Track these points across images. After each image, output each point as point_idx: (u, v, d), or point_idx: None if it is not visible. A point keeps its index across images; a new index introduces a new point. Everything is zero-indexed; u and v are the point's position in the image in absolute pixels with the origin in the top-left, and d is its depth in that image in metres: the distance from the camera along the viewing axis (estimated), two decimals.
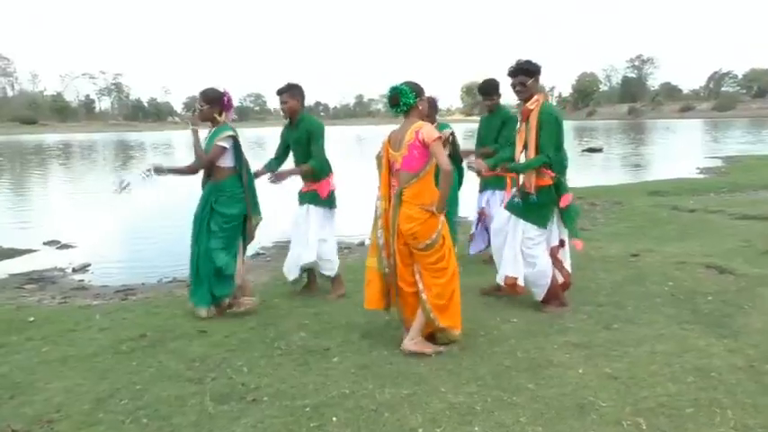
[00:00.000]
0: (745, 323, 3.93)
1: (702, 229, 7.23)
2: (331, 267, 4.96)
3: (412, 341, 3.61)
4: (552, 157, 4.12)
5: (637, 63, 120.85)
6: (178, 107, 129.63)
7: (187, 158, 4.63)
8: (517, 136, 4.41)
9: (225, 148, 4.34)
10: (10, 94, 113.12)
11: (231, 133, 4.36)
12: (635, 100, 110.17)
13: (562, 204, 4.21)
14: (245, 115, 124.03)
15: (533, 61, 4.20)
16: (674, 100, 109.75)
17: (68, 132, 77.94)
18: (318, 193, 4.84)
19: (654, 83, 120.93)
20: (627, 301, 4.50)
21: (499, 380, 3.24)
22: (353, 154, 27.72)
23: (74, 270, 7.00)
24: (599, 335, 3.83)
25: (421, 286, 3.58)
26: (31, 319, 4.60)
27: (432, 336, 3.69)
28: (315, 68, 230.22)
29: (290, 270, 4.99)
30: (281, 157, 5.00)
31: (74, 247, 8.38)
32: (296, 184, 5.03)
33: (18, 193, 15.88)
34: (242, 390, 3.21)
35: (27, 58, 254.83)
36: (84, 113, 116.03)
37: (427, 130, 3.43)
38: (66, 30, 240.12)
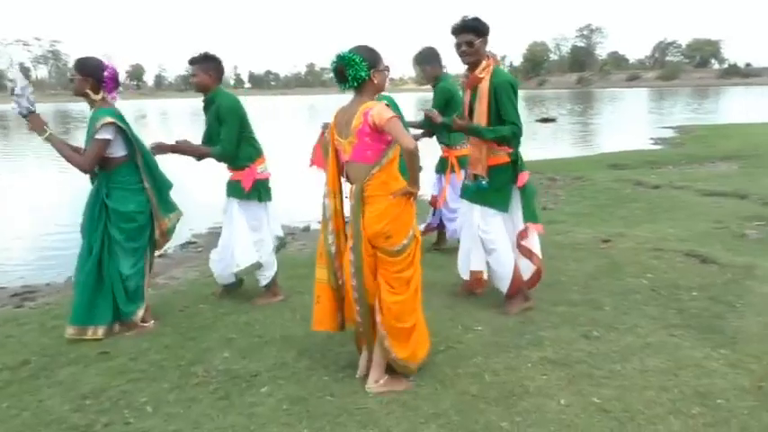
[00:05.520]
0: (739, 326, 3.44)
1: (671, 207, 6.81)
2: (266, 276, 4.15)
3: (377, 383, 2.89)
4: (520, 127, 3.57)
5: (585, 32, 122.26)
6: (121, 76, 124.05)
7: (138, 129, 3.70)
8: (462, 108, 3.85)
9: (107, 140, 3.46)
10: None
11: (109, 119, 3.44)
12: (584, 69, 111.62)
13: (519, 184, 3.70)
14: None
15: (482, 19, 3.55)
16: (621, 69, 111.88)
17: (2, 103, 73.01)
18: (241, 185, 3.97)
19: (602, 52, 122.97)
20: (603, 298, 3.96)
21: (465, 416, 2.62)
22: (302, 126, 26.65)
23: None
24: (578, 346, 3.26)
25: (377, 306, 2.84)
26: None
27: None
28: (263, 35, 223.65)
29: (223, 275, 4.19)
30: (209, 141, 4.01)
31: None
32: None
33: None
34: None
35: None
36: None
37: (378, 111, 2.64)
38: None
